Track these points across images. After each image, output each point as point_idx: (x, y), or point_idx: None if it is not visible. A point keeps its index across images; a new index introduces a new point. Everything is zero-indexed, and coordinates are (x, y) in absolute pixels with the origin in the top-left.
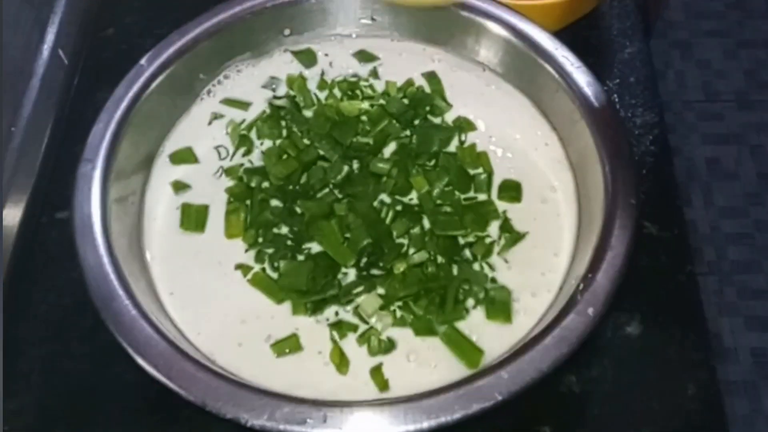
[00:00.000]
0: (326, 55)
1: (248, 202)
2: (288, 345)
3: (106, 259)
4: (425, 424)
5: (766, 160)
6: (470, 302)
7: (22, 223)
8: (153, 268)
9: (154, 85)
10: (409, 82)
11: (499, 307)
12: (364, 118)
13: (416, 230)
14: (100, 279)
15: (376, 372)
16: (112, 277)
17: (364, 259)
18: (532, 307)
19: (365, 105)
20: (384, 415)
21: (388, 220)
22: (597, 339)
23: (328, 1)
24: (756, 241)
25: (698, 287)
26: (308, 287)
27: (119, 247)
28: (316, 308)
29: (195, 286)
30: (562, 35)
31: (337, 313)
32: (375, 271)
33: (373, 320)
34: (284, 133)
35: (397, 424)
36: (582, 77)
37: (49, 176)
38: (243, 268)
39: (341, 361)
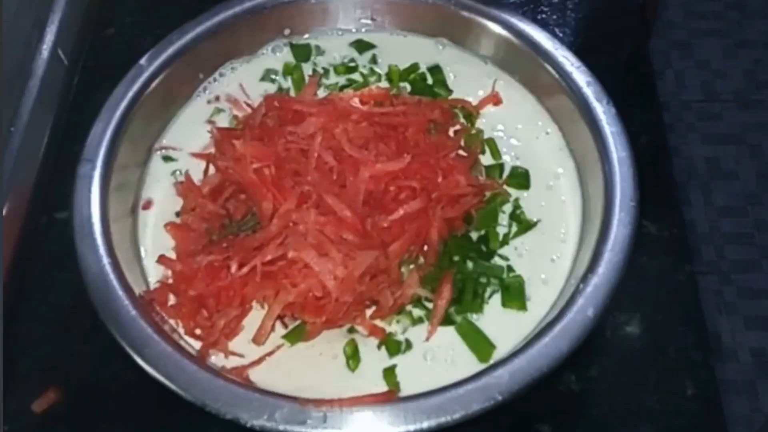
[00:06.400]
0: (322, 47)
1: None
2: (299, 331)
3: (105, 260)
4: (425, 424)
5: (766, 159)
6: (487, 292)
7: (22, 223)
8: (150, 265)
9: (153, 84)
10: (414, 67)
11: (514, 295)
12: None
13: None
14: (99, 279)
15: (389, 373)
16: (112, 277)
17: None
18: (543, 294)
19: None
20: (384, 415)
21: None
22: (597, 339)
23: (329, 1)
24: (755, 240)
25: (698, 287)
26: None
27: (119, 246)
28: None
29: None
30: (562, 35)
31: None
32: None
33: (390, 327)
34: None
35: (397, 424)
36: (582, 77)
37: (48, 176)
38: None
39: (353, 355)
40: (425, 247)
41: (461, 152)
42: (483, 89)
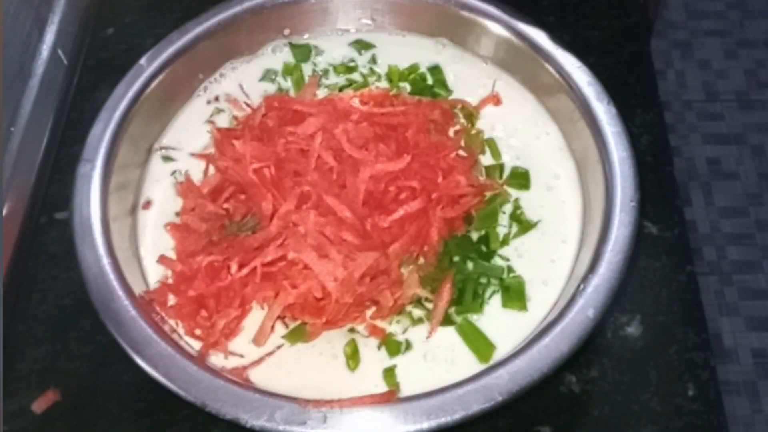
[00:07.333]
0: (322, 47)
1: None
2: (299, 331)
3: (105, 260)
4: (425, 425)
5: (767, 160)
6: (487, 293)
7: (22, 223)
8: (150, 265)
9: (153, 84)
10: (414, 67)
11: (515, 295)
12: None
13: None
14: (99, 279)
15: (389, 373)
16: (112, 277)
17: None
18: (543, 295)
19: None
20: (384, 416)
21: None
22: (597, 339)
23: (328, 1)
24: (756, 241)
25: (698, 287)
26: None
27: (118, 246)
28: None
29: None
30: (562, 35)
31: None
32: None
33: (390, 327)
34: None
35: (397, 424)
36: (582, 77)
37: (48, 176)
38: None
39: (353, 354)
40: (425, 248)
41: (461, 152)
42: (483, 89)
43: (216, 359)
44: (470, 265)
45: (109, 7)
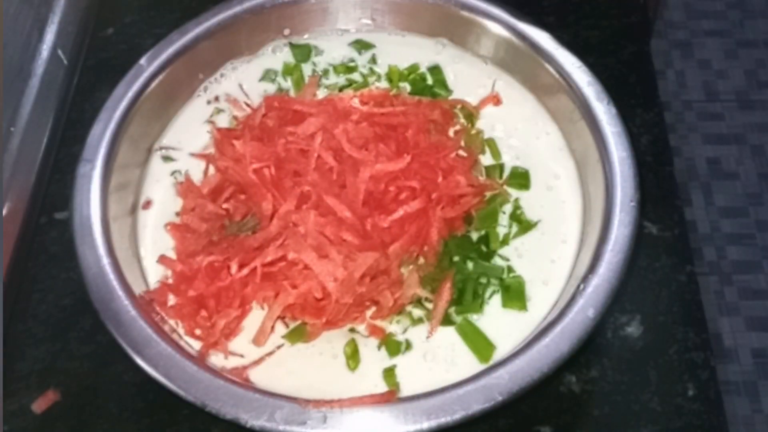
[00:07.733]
0: (322, 47)
1: None
2: (299, 331)
3: (105, 260)
4: (425, 425)
5: (767, 160)
6: (487, 293)
7: (22, 223)
8: (150, 265)
9: (153, 84)
10: (414, 67)
11: (515, 295)
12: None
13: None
14: (99, 279)
15: (389, 373)
16: (112, 277)
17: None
18: (544, 295)
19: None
20: (384, 416)
21: None
22: (597, 339)
23: (328, 1)
24: (756, 241)
25: (698, 287)
26: None
27: (118, 246)
28: None
29: None
30: (562, 35)
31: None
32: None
33: (390, 327)
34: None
35: (397, 424)
36: (582, 77)
37: (48, 176)
38: None
39: (353, 354)
40: (425, 248)
41: (461, 152)
42: (483, 89)
43: (216, 359)
44: (470, 265)
45: (109, 7)
